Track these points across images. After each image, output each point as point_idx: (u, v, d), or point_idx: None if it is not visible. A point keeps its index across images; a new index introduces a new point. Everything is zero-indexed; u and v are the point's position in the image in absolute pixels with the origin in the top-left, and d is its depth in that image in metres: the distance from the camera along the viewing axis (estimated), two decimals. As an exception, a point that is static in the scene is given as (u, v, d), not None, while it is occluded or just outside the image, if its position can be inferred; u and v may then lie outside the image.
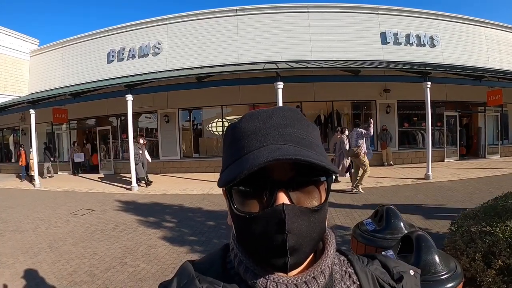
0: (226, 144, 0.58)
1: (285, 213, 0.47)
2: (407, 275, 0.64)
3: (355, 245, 2.80)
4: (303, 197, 0.51)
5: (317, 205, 0.52)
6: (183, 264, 0.60)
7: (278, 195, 0.49)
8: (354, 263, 0.64)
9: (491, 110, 15.28)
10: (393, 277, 0.63)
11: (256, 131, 0.53)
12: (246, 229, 0.52)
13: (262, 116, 0.54)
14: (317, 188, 0.52)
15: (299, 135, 0.53)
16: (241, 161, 0.50)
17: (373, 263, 0.66)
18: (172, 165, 14.14)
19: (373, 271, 0.63)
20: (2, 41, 16.39)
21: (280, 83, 9.97)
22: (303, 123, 0.56)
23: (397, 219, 2.70)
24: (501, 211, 3.32)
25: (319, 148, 0.54)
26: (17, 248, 5.37)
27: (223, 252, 0.62)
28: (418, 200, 7.44)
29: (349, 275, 0.61)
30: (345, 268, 0.63)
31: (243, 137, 0.53)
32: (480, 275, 2.72)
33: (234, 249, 0.58)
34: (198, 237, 5.47)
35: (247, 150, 0.51)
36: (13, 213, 7.87)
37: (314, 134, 0.57)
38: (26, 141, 15.97)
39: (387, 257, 0.69)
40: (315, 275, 0.54)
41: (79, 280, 4.05)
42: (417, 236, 2.08)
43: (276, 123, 0.53)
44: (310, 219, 0.51)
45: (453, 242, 3.20)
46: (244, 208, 0.51)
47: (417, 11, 14.41)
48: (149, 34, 14.54)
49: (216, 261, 0.60)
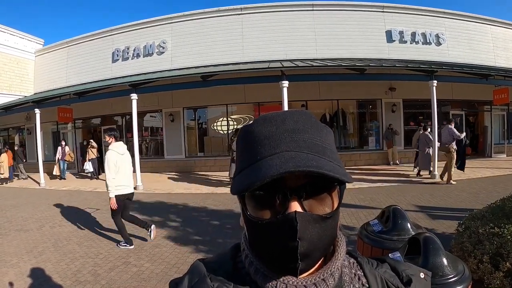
0: (239, 148, 0.58)
1: (297, 221, 0.47)
2: (417, 278, 0.64)
3: (361, 246, 2.76)
4: (315, 204, 0.51)
5: (329, 212, 0.52)
6: (194, 263, 0.61)
7: (290, 203, 0.49)
8: (363, 266, 0.64)
9: (498, 109, 15.17)
10: (402, 280, 0.64)
11: (269, 136, 0.52)
12: (258, 234, 0.52)
13: (276, 121, 0.54)
14: (329, 195, 0.52)
15: (312, 141, 0.52)
16: (253, 168, 0.50)
17: (383, 266, 0.66)
18: (177, 164, 14.15)
19: (382, 274, 0.63)
20: (7, 41, 16.49)
21: (285, 81, 9.93)
22: (317, 128, 0.55)
23: (404, 220, 2.65)
24: (509, 212, 3.26)
25: (333, 154, 0.53)
26: (21, 247, 5.37)
27: (233, 252, 0.63)
28: (424, 199, 7.38)
29: (358, 278, 0.62)
30: (354, 271, 0.63)
31: (256, 141, 0.53)
32: (487, 277, 2.67)
33: (245, 250, 0.59)
34: (202, 237, 5.44)
35: (260, 156, 0.51)
36: (18, 212, 7.90)
37: (328, 139, 0.56)
38: (31, 141, 16.02)
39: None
40: (325, 277, 0.55)
41: (83, 279, 4.04)
42: (424, 238, 2.04)
43: (289, 128, 0.53)
44: (322, 226, 0.51)
45: (460, 243, 3.15)
46: (257, 214, 0.51)
47: (422, 9, 14.31)
48: (154, 33, 14.56)
49: (227, 260, 0.61)
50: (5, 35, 16.49)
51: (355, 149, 14.18)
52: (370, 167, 12.80)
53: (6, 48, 16.40)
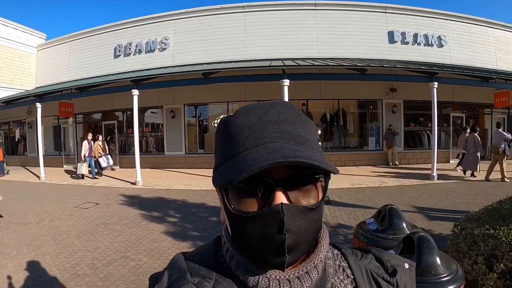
0: (219, 139, 0.56)
1: (283, 212, 0.47)
2: (401, 269, 0.64)
3: (356, 244, 2.79)
4: (300, 196, 0.50)
5: (314, 203, 0.51)
6: (175, 257, 0.59)
7: (276, 194, 0.48)
8: (348, 257, 0.63)
9: (498, 112, 15.15)
10: (387, 270, 0.63)
11: (252, 127, 0.51)
12: (243, 228, 0.50)
13: (258, 111, 0.53)
14: (314, 186, 0.51)
15: (296, 132, 0.52)
16: (237, 159, 0.49)
17: (367, 257, 0.65)
18: (177, 160, 14.19)
19: (367, 265, 0.63)
20: (10, 35, 16.53)
21: (286, 80, 9.96)
22: (300, 119, 0.55)
23: (399, 220, 2.68)
24: (505, 214, 3.28)
25: (316, 145, 0.53)
26: (21, 240, 5.41)
27: (215, 245, 0.61)
28: (422, 200, 7.40)
29: (342, 269, 0.61)
30: (338, 262, 0.62)
31: (238, 133, 0.51)
32: (481, 278, 2.68)
33: (226, 243, 0.57)
34: (201, 233, 5.48)
35: (244, 148, 0.50)
36: (17, 206, 7.94)
37: (310, 130, 0.55)
38: (33, 134, 16.05)
39: (381, 250, 0.68)
40: (308, 270, 0.54)
41: (81, 272, 4.08)
42: (419, 237, 2.07)
43: (272, 119, 0.52)
44: (308, 218, 0.50)
45: (456, 244, 3.16)
46: (241, 207, 0.50)
47: (425, 10, 14.29)
48: (156, 29, 14.58)
49: (209, 254, 0.59)
50: (8, 29, 16.53)
51: (355, 149, 14.20)
52: (370, 167, 12.83)
53: (9, 42, 16.44)
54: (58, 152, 16.87)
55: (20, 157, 17.72)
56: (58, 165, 15.98)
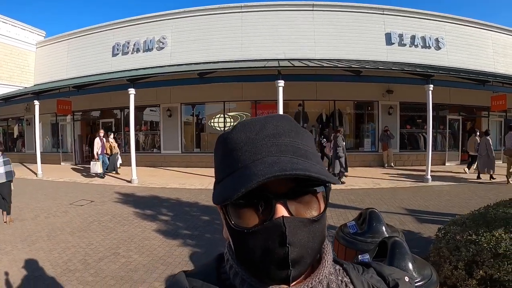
0: (218, 156, 0.56)
1: (285, 226, 0.47)
2: (402, 282, 0.65)
3: (336, 247, 2.82)
4: (302, 208, 0.50)
5: (316, 215, 0.51)
6: (176, 276, 0.58)
7: (276, 208, 0.48)
8: (349, 272, 0.63)
9: (495, 115, 15.20)
10: (389, 284, 0.64)
11: (249, 142, 0.51)
12: (245, 244, 0.50)
13: (255, 126, 0.53)
14: (315, 197, 0.51)
15: (294, 145, 0.52)
16: (236, 176, 0.48)
17: (369, 272, 0.65)
18: (173, 159, 14.24)
19: (369, 280, 0.63)
20: (9, 32, 16.56)
21: (281, 81, 10.02)
22: (298, 131, 0.55)
23: (379, 223, 2.73)
24: (491, 219, 3.24)
25: (314, 157, 0.53)
26: (16, 236, 5.51)
27: (217, 262, 0.61)
28: (414, 202, 7.44)
29: (345, 285, 0.61)
30: (341, 278, 0.61)
31: (236, 149, 0.51)
32: (461, 283, 2.69)
33: (230, 260, 0.56)
34: (191, 231, 5.57)
35: (242, 164, 0.49)
36: (14, 202, 7.91)
37: (309, 142, 0.55)
38: (31, 131, 16.10)
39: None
40: (313, 285, 0.53)
41: (73, 268, 4.18)
42: (392, 242, 2.11)
43: (269, 133, 0.52)
44: (311, 230, 0.50)
45: (438, 248, 3.17)
46: (242, 223, 0.49)
47: (423, 12, 14.32)
48: (154, 28, 14.63)
49: (211, 271, 0.58)
50: (7, 26, 16.56)
51: (350, 150, 14.19)
52: (365, 168, 12.88)
53: (8, 39, 16.47)
54: (56, 149, 16.92)
55: (18, 154, 17.76)
56: (56, 162, 16.03)
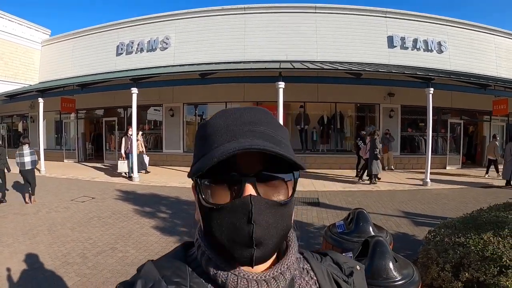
0: (197, 140, 0.59)
1: (252, 203, 0.49)
2: (355, 270, 0.70)
3: (324, 246, 2.92)
4: (270, 191, 0.52)
5: (283, 199, 0.53)
6: (145, 265, 0.58)
7: (245, 187, 0.50)
8: (309, 260, 0.67)
9: (497, 119, 15.14)
10: (345, 272, 0.69)
11: (227, 127, 0.54)
12: (214, 221, 0.52)
13: (234, 114, 0.56)
14: (284, 183, 0.54)
15: (269, 133, 0.54)
16: (211, 153, 0.51)
17: (326, 260, 0.70)
18: (175, 158, 14.37)
19: (327, 267, 0.67)
20: (15, 30, 16.76)
21: (281, 83, 10.09)
22: (274, 124, 0.58)
23: (366, 223, 2.83)
24: (481, 223, 3.25)
25: (288, 148, 0.55)
26: (17, 229, 5.65)
27: (184, 250, 0.62)
28: (411, 205, 7.49)
29: (306, 271, 0.64)
30: (302, 265, 0.65)
31: (214, 132, 0.54)
32: (447, 285, 2.72)
33: (202, 246, 0.57)
34: (188, 229, 5.68)
35: (218, 144, 0.52)
36: (16, 197, 8.17)
37: (284, 134, 0.58)
38: (35, 128, 16.28)
39: (337, 254, 0.74)
40: (282, 271, 0.56)
41: (71, 261, 4.30)
42: (374, 242, 2.20)
43: (247, 120, 0.55)
44: (277, 213, 0.52)
45: (427, 250, 3.20)
46: (213, 200, 0.52)
47: (425, 15, 14.31)
48: (158, 29, 14.77)
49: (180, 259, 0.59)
50: (13, 24, 16.77)
51: (351, 152, 14.26)
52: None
53: (14, 37, 16.68)
54: (59, 146, 17.12)
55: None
56: (59, 159, 16.23)
